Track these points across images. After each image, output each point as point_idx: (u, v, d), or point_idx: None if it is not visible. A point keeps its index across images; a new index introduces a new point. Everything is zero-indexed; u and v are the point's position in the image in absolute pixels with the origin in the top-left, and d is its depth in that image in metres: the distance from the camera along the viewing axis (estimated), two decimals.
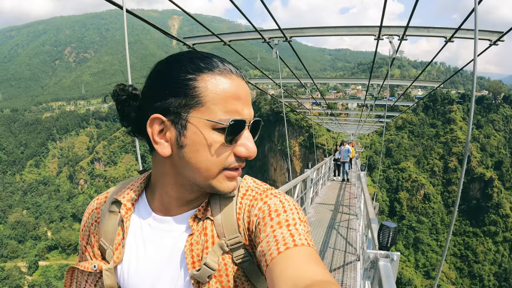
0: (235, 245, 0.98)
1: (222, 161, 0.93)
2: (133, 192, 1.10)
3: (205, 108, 0.90)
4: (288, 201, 0.98)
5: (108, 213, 1.10)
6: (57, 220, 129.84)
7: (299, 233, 0.86)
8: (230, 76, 0.94)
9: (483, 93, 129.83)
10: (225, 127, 0.90)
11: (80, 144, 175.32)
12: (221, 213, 1.01)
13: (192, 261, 0.98)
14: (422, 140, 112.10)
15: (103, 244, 1.09)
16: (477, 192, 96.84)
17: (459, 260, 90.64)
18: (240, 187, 1.06)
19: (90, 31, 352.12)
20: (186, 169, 0.94)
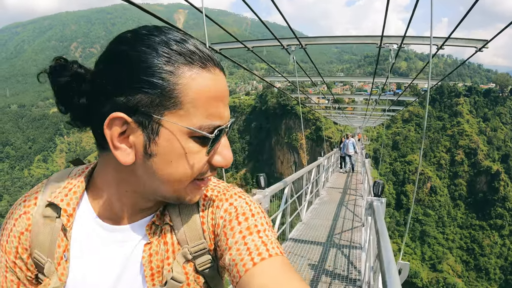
0: (199, 252, 0.89)
1: (196, 172, 0.79)
2: (73, 194, 0.89)
3: (183, 111, 0.73)
4: (254, 203, 0.91)
5: (42, 219, 0.89)
6: None
7: (270, 240, 0.81)
8: (213, 70, 0.77)
9: (490, 85, 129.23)
10: (208, 137, 0.75)
11: (87, 139, 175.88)
12: (181, 218, 0.90)
13: (151, 273, 0.86)
14: (429, 133, 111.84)
15: (38, 257, 0.89)
16: (484, 185, 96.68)
17: (465, 253, 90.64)
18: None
19: (96, 26, 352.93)
20: (151, 180, 0.78)
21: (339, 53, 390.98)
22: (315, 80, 14.77)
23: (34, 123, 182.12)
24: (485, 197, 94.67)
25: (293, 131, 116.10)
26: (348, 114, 35.00)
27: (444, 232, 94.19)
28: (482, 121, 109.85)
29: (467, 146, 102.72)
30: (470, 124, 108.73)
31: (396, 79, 16.39)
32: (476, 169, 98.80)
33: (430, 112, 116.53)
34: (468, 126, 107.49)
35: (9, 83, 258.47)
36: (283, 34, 10.25)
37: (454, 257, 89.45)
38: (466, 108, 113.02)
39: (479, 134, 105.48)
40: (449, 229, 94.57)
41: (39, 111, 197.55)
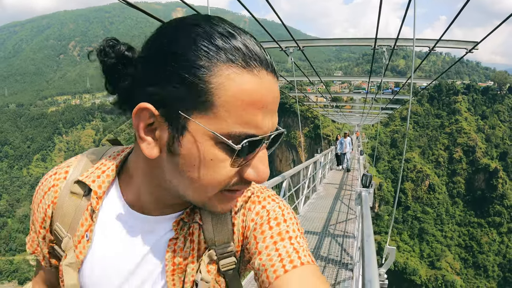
0: (225, 254, 0.87)
1: (224, 183, 0.71)
2: (106, 177, 0.88)
3: (213, 114, 0.64)
4: (287, 208, 0.88)
5: (69, 194, 0.89)
6: None
7: (302, 248, 0.78)
8: (259, 72, 0.66)
9: (488, 83, 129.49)
10: (233, 147, 0.65)
11: (86, 138, 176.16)
12: (212, 218, 0.87)
13: (172, 268, 0.86)
14: (427, 131, 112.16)
15: (59, 229, 0.90)
16: (482, 183, 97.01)
17: (464, 250, 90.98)
18: None
19: (94, 24, 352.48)
20: (177, 180, 0.73)
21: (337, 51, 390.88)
22: (313, 79, 14.96)
23: (33, 122, 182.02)
24: (483, 194, 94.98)
25: (291, 129, 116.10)
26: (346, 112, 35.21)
27: (443, 229, 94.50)
28: (480, 118, 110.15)
29: (465, 143, 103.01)
30: (468, 122, 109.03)
31: (391, 79, 16.66)
32: (474, 167, 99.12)
33: (428, 110, 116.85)
34: (466, 124, 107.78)
35: (7, 82, 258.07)
36: (281, 33, 10.73)
37: (452, 254, 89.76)
38: (464, 106, 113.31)
39: (477, 131, 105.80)
40: (447, 226, 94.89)
41: (37, 110, 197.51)
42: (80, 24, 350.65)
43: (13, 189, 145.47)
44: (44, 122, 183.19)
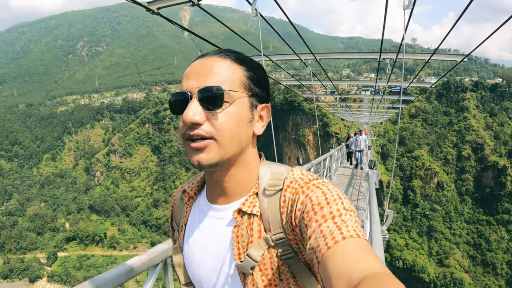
0: (279, 241, 0.99)
1: (180, 132, 1.01)
2: (196, 182, 1.23)
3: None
4: (331, 191, 0.95)
5: (180, 200, 1.28)
6: (75, 212, 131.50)
7: (346, 224, 0.84)
8: (193, 62, 1.05)
9: (496, 80, 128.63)
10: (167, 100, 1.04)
11: (95, 137, 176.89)
12: (268, 208, 1.02)
13: (238, 252, 1.02)
14: (436, 128, 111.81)
15: (174, 225, 1.30)
16: (491, 181, 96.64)
17: (472, 248, 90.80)
18: (285, 179, 1.05)
19: (102, 24, 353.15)
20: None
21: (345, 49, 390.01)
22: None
23: (42, 122, 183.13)
24: (492, 192, 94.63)
25: (300, 127, 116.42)
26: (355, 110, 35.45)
27: (451, 227, 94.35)
28: (489, 116, 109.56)
29: (474, 141, 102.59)
30: (476, 119, 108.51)
31: (395, 82, 17.10)
32: (483, 164, 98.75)
33: (437, 107, 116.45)
34: (474, 121, 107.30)
35: (16, 83, 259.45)
36: (289, 31, 11.48)
37: (461, 252, 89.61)
38: (472, 103, 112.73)
39: (486, 129, 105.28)
40: (456, 224, 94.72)
41: (46, 110, 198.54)
42: (88, 24, 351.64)
43: (24, 188, 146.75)
44: (54, 121, 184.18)
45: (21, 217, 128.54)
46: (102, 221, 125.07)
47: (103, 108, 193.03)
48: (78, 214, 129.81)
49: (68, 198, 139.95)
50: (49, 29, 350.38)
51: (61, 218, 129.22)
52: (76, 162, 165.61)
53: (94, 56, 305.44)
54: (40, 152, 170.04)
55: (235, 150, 1.02)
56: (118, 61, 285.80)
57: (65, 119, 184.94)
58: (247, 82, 1.04)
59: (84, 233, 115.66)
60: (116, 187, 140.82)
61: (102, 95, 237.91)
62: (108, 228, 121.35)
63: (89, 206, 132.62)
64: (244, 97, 1.02)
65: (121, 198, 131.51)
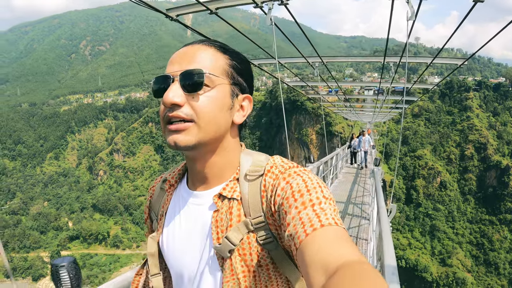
0: (258, 225, 1.00)
1: (160, 115, 1.02)
2: (177, 171, 1.23)
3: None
4: (311, 180, 0.96)
5: (159, 190, 1.27)
6: (78, 211, 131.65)
7: (325, 212, 0.84)
8: (178, 50, 1.08)
9: (500, 80, 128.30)
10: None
11: (98, 136, 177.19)
12: (248, 193, 1.03)
13: (217, 236, 1.03)
14: (439, 128, 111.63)
15: (152, 216, 1.29)
16: (493, 180, 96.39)
17: (475, 248, 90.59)
18: (266, 165, 1.07)
19: (105, 24, 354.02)
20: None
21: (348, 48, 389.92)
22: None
23: (46, 121, 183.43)
24: (495, 191, 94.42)
25: (303, 126, 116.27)
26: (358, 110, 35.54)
27: (454, 226, 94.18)
28: (492, 115, 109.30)
29: (476, 140, 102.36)
30: (479, 118, 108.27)
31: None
32: (485, 164, 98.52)
33: (440, 106, 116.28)
34: (477, 120, 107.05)
35: (19, 82, 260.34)
36: (293, 30, 11.46)
37: (463, 251, 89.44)
38: (475, 102, 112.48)
39: (489, 128, 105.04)
40: (458, 223, 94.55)
41: (50, 109, 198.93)
42: (90, 24, 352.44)
43: (27, 187, 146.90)
44: (57, 121, 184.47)
45: (24, 216, 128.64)
46: (105, 220, 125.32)
47: (106, 107, 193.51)
48: (81, 213, 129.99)
49: (71, 197, 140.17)
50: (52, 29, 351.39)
51: (65, 217, 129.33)
52: (79, 161, 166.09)
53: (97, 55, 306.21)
54: (44, 151, 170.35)
55: (214, 134, 1.03)
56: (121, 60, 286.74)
57: (68, 118, 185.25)
58: (230, 70, 1.06)
59: (87, 232, 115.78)
60: (119, 186, 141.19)
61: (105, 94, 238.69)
62: (111, 227, 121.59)
63: (92, 205, 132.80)
64: (225, 84, 1.04)
65: (124, 197, 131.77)
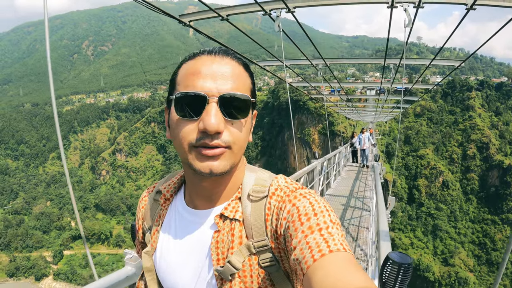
0: (261, 248, 0.98)
1: (186, 137, 0.93)
2: (173, 184, 1.17)
3: (175, 90, 0.97)
4: (318, 203, 0.94)
5: (153, 201, 1.22)
6: (81, 211, 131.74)
7: (333, 238, 0.83)
8: (199, 57, 0.98)
9: (502, 79, 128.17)
10: (171, 99, 0.99)
11: (101, 136, 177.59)
12: (251, 214, 1.00)
13: (217, 258, 1.00)
14: (441, 127, 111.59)
15: (144, 228, 1.23)
16: (496, 180, 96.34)
17: (477, 247, 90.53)
18: (270, 186, 1.04)
19: (107, 24, 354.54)
20: (177, 149, 0.99)
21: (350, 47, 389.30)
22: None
23: (48, 121, 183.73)
24: (497, 191, 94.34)
25: (305, 126, 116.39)
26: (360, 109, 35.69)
27: (456, 226, 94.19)
28: (494, 115, 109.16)
29: (479, 140, 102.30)
30: (482, 118, 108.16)
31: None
32: (488, 163, 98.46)
33: (442, 106, 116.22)
34: (480, 120, 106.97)
35: (22, 82, 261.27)
36: (294, 29, 11.55)
37: (466, 251, 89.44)
38: (478, 102, 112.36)
39: (491, 128, 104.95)
40: (461, 223, 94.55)
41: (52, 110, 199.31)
42: (93, 24, 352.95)
43: (30, 187, 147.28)
44: (59, 121, 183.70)
45: (27, 216, 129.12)
46: (107, 220, 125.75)
47: (109, 107, 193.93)
48: (84, 213, 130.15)
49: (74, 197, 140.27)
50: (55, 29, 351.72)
51: (67, 217, 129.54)
52: (82, 161, 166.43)
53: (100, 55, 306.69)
54: (46, 151, 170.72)
55: (240, 158, 1.01)
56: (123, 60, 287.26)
57: (71, 118, 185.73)
58: (252, 89, 1.04)
59: (90, 231, 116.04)
60: (122, 185, 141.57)
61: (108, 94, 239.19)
62: (113, 226, 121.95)
63: (95, 204, 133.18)
64: (250, 105, 1.00)
65: (126, 196, 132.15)
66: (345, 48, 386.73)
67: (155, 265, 1.15)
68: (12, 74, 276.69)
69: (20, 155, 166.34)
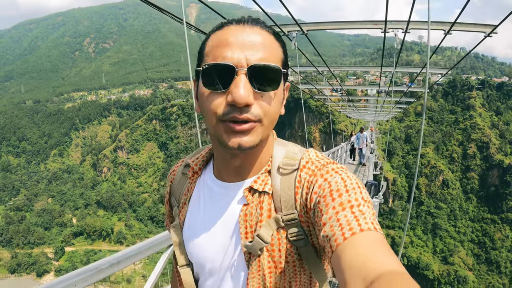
0: (290, 222, 0.96)
1: (214, 110, 0.90)
2: (201, 157, 1.15)
3: (203, 62, 0.94)
4: (351, 179, 0.91)
5: (181, 175, 1.20)
6: (82, 207, 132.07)
7: (364, 216, 0.80)
8: (228, 27, 0.94)
9: (503, 79, 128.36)
10: (199, 70, 0.94)
11: (102, 133, 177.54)
12: (280, 187, 0.98)
13: (246, 231, 0.98)
14: (441, 126, 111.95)
15: (173, 201, 1.21)
16: (496, 179, 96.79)
17: (477, 246, 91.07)
18: (301, 159, 1.01)
19: (108, 21, 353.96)
20: (205, 122, 0.95)
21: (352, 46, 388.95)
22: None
23: (50, 118, 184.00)
24: (497, 190, 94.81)
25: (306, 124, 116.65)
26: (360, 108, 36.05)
27: (456, 225, 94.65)
28: (494, 114, 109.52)
29: (479, 139, 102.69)
30: (482, 117, 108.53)
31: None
32: (488, 163, 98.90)
33: (443, 105, 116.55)
34: (480, 119, 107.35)
35: (23, 79, 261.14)
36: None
37: (465, 250, 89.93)
38: (478, 101, 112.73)
39: (492, 127, 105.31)
40: (460, 222, 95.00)
41: (54, 107, 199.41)
42: (94, 21, 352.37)
43: (31, 184, 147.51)
44: (61, 118, 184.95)
45: (28, 212, 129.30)
46: (109, 217, 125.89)
47: (110, 105, 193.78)
48: (86, 210, 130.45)
49: (76, 194, 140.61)
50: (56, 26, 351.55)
51: (69, 214, 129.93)
52: (83, 158, 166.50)
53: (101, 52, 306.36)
54: (48, 148, 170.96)
55: (270, 131, 0.99)
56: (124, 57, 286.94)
57: (72, 115, 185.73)
58: (284, 60, 0.98)
59: (91, 228, 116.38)
60: (123, 183, 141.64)
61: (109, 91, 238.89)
62: (115, 223, 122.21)
63: (96, 201, 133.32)
64: (282, 76, 0.95)
65: (128, 193, 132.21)
66: (346, 47, 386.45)
67: (183, 238, 1.13)
68: (13, 71, 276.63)
69: (21, 152, 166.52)
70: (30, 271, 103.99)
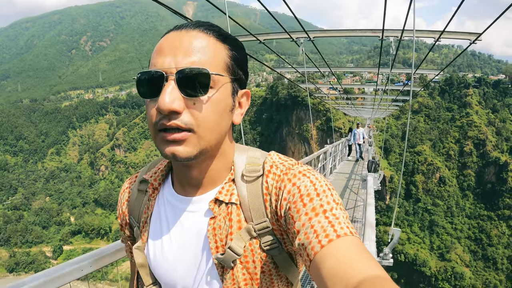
0: (263, 230, 0.92)
1: (151, 120, 0.87)
2: (160, 172, 1.08)
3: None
4: (320, 181, 0.88)
5: (137, 192, 1.11)
6: (80, 206, 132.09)
7: (339, 221, 0.78)
8: (167, 34, 0.90)
9: (499, 77, 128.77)
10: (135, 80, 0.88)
11: (100, 131, 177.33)
12: (248, 195, 0.93)
13: (216, 245, 0.93)
14: (438, 124, 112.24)
15: (132, 221, 1.12)
16: (492, 176, 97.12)
17: (473, 243, 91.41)
18: (264, 163, 0.98)
19: (105, 19, 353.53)
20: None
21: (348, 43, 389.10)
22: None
23: (47, 117, 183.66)
24: (493, 187, 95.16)
25: (303, 122, 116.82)
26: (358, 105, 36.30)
27: (453, 222, 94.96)
28: (491, 112, 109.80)
29: (476, 137, 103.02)
30: (479, 115, 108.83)
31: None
32: (484, 160, 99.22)
33: (440, 103, 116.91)
34: (477, 117, 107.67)
35: (20, 78, 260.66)
36: (292, 26, 12.32)
37: (462, 246, 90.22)
38: (475, 99, 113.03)
39: (488, 125, 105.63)
40: (457, 219, 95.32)
41: (51, 105, 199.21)
42: (91, 19, 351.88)
43: (29, 182, 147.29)
44: (58, 116, 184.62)
45: (26, 211, 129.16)
46: (107, 215, 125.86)
47: (107, 103, 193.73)
48: (83, 208, 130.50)
49: (73, 192, 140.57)
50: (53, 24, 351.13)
51: (66, 212, 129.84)
52: (81, 157, 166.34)
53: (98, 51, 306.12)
54: (45, 147, 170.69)
55: (215, 142, 0.91)
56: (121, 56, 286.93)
57: (69, 114, 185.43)
58: (230, 64, 0.91)
59: (89, 226, 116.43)
60: (121, 181, 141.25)
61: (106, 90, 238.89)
62: (113, 221, 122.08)
63: (94, 200, 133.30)
64: (228, 82, 0.90)
65: None
66: (343, 44, 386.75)
67: (148, 261, 1.06)
68: (10, 69, 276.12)
69: (19, 151, 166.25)
70: (29, 270, 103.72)
